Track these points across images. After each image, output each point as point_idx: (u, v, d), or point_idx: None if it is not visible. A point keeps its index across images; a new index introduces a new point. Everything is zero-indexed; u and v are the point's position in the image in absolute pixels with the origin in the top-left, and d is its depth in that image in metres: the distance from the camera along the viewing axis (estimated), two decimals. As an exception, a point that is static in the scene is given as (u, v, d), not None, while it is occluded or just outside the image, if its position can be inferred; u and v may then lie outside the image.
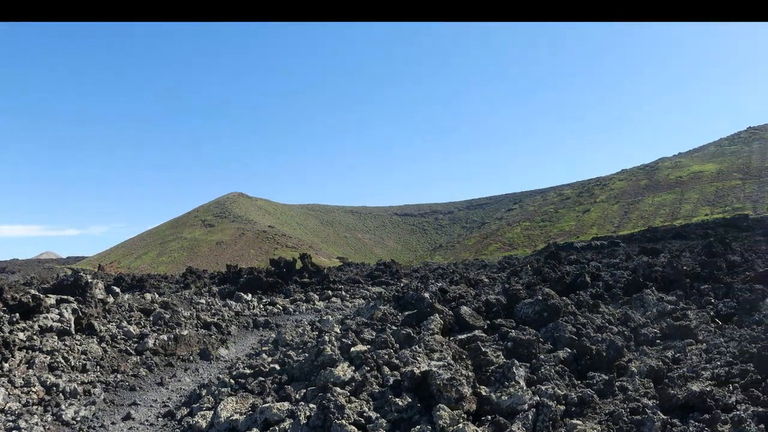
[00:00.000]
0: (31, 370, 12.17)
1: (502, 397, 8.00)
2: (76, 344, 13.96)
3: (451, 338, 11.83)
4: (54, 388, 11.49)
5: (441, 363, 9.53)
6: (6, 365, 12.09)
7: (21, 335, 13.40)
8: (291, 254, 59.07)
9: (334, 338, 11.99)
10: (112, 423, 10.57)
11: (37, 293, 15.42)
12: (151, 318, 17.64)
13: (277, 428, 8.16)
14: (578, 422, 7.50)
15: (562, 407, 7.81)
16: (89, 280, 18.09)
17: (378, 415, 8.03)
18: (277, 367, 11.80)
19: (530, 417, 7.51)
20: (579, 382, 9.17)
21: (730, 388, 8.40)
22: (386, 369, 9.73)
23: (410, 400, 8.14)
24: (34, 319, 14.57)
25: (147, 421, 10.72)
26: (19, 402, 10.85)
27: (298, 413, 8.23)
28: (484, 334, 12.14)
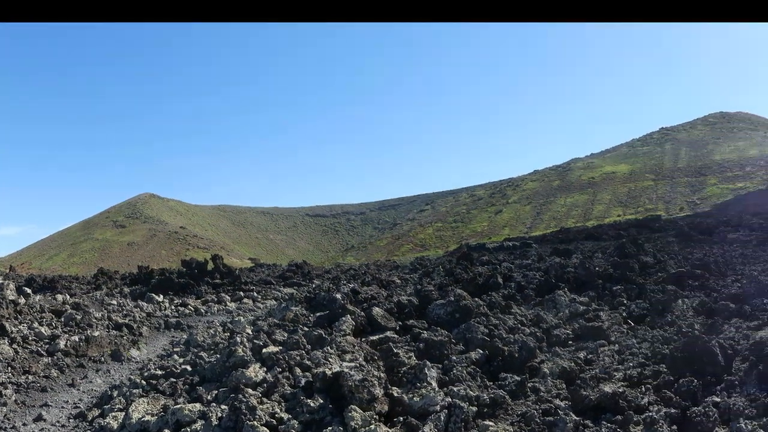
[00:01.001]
0: (-57, 372, 11.97)
1: (414, 398, 8.07)
2: (-13, 346, 13.76)
3: (363, 339, 11.88)
4: (-34, 390, 11.31)
5: (353, 364, 9.57)
6: None
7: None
8: (203, 255, 58.58)
9: (245, 339, 11.97)
10: (23, 424, 10.49)
11: (-52, 294, 15.16)
12: (63, 319, 17.41)
13: (188, 429, 8.12)
14: (490, 423, 7.60)
15: (474, 408, 7.90)
16: (0, 281, 17.76)
17: (290, 416, 8.05)
18: (189, 368, 11.75)
19: (442, 418, 7.58)
20: (491, 383, 9.28)
21: (643, 389, 8.60)
22: (298, 370, 9.74)
23: (322, 401, 8.17)
24: (-54, 321, 14.34)
25: (58, 422, 10.66)
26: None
27: (210, 414, 8.21)
28: (396, 335, 12.21)
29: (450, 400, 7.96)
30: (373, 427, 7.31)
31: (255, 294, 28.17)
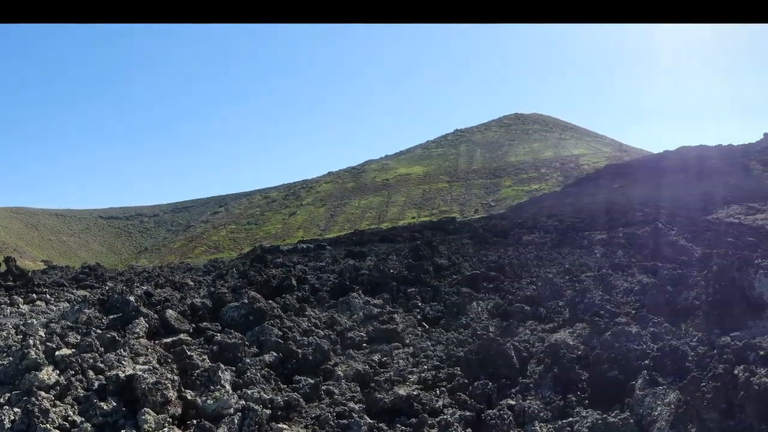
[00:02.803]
0: None
1: (208, 401, 8.08)
2: None
3: (157, 342, 11.77)
4: None
5: (146, 367, 9.51)
6: None
7: None
8: (-5, 258, 56.08)
9: (38, 342, 11.62)
10: None
11: None
12: None
13: (-19, 432, 7.90)
14: (284, 426, 7.70)
15: (269, 411, 7.98)
16: None
17: (83, 419, 7.96)
18: (-19, 370, 11.34)
19: (236, 421, 7.63)
20: (285, 386, 9.37)
21: (437, 391, 8.88)
22: (91, 373, 9.59)
23: (115, 404, 8.12)
24: None
25: None
26: None
27: (2, 417, 8.01)
28: (189, 338, 12.14)
29: (244, 402, 8.03)
30: (166, 429, 7.34)
31: (48, 296, 27.38)
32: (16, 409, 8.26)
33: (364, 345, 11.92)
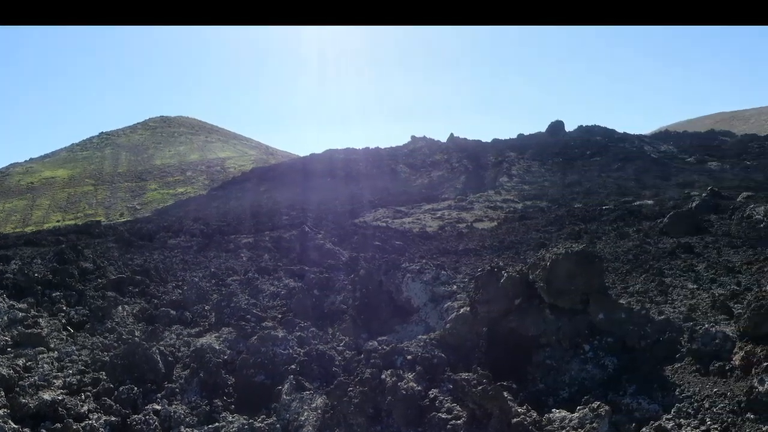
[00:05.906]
0: None
1: None
2: None
3: None
4: None
5: None
6: None
7: None
8: None
9: None
10: None
11: None
12: None
13: None
14: None
15: None
16: None
17: None
18: None
19: None
20: None
21: (83, 396, 8.74)
22: None
23: None
24: None
25: None
26: None
27: None
28: None
29: None
30: None
31: None
32: None
33: (9, 349, 11.48)
